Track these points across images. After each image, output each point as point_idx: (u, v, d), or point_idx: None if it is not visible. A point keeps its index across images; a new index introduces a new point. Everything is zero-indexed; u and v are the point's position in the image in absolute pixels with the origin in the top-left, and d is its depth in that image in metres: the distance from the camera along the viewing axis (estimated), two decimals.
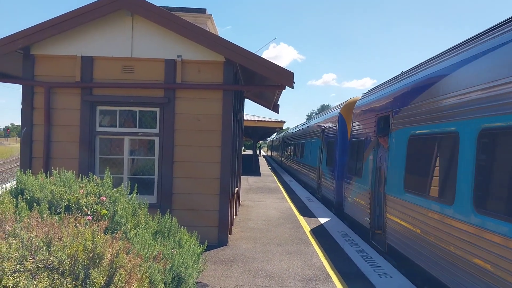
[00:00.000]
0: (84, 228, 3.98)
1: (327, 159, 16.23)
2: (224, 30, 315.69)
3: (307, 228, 10.55)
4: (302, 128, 25.89)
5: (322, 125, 17.97)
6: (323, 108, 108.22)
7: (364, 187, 9.97)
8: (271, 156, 72.57)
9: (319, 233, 10.14)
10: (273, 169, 35.60)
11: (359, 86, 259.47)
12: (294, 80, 8.32)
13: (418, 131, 7.07)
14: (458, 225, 5.49)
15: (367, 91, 11.81)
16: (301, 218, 11.93)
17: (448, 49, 6.85)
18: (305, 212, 13.23)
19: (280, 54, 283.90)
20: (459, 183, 5.54)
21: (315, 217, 12.39)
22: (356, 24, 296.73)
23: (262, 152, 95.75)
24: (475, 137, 5.27)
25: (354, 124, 11.85)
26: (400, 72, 9.34)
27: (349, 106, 14.16)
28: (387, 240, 8.16)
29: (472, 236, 5.16)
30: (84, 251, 3.55)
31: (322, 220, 11.76)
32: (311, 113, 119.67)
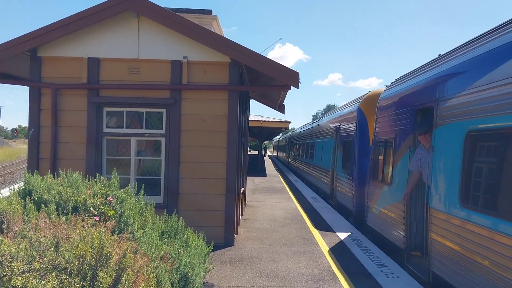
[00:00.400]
0: (91, 228, 4.00)
1: (343, 161, 14.10)
2: (230, 30, 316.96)
3: (313, 228, 10.54)
4: (312, 127, 23.60)
5: (337, 123, 15.88)
6: (329, 108, 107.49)
7: (396, 196, 8.10)
8: (277, 157, 68.38)
9: (325, 233, 10.12)
10: (279, 170, 35.51)
11: (365, 85, 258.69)
12: (299, 80, 8.33)
13: (483, 125, 5.23)
14: None
15: (394, 80, 9.94)
16: (307, 219, 11.91)
17: None
18: (312, 212, 13.21)
19: (285, 55, 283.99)
20: None
21: (321, 217, 12.38)
22: (362, 23, 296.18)
23: (268, 153, 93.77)
24: None
25: (378, 119, 9.96)
26: (437, 56, 7.76)
27: (370, 100, 12.26)
28: (431, 267, 6.35)
29: None
30: (91, 251, 3.57)
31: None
32: (317, 113, 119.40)
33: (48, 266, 3.38)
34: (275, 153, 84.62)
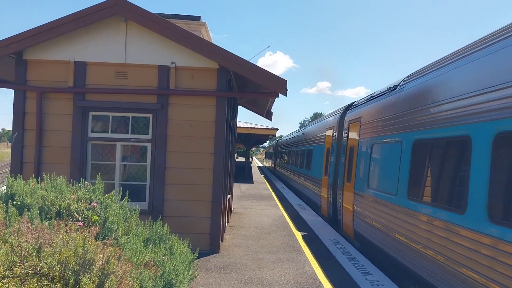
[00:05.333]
0: (75, 234, 3.95)
1: None
2: (221, 37, 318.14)
3: (299, 236, 10.53)
4: None
5: None
6: (316, 116, 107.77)
7: None
8: (275, 170, 41.09)
9: (311, 240, 10.13)
10: (266, 178, 35.31)
11: (353, 94, 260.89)
12: (287, 88, 8.36)
13: None
14: None
15: None
16: (293, 226, 11.91)
17: None
18: (298, 220, 13.21)
19: (276, 62, 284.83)
20: None
21: (307, 224, 12.38)
22: (351, 33, 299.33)
23: (256, 161, 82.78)
24: None
25: None
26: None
27: None
28: None
29: None
30: (74, 257, 3.53)
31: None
32: (304, 121, 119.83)
33: (30, 271, 3.32)
34: (268, 163, 56.52)
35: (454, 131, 5.93)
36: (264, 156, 75.51)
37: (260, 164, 73.14)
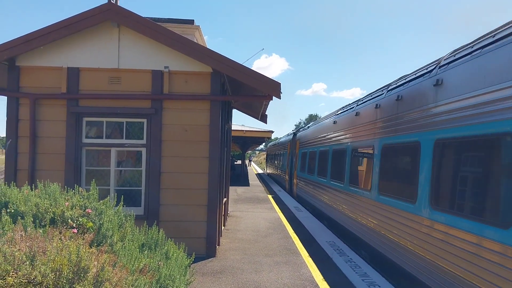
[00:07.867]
0: (69, 241, 3.92)
1: None
2: (216, 41, 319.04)
3: (295, 238, 10.52)
4: None
5: None
6: (311, 118, 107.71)
7: None
8: (291, 185, 22.77)
9: (308, 242, 10.12)
10: (261, 179, 35.23)
11: (348, 95, 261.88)
12: (281, 91, 8.36)
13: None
14: None
15: None
16: (289, 229, 11.90)
17: None
18: (294, 222, 13.20)
19: (271, 65, 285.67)
20: None
21: (303, 226, 12.38)
22: (347, 35, 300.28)
23: (256, 167, 64.42)
24: None
25: None
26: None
27: None
28: None
29: None
30: (68, 264, 3.50)
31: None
32: (299, 123, 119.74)
33: (23, 280, 3.30)
34: (273, 170, 38.23)
35: None
36: (265, 159, 54.74)
37: (260, 171, 55.51)
